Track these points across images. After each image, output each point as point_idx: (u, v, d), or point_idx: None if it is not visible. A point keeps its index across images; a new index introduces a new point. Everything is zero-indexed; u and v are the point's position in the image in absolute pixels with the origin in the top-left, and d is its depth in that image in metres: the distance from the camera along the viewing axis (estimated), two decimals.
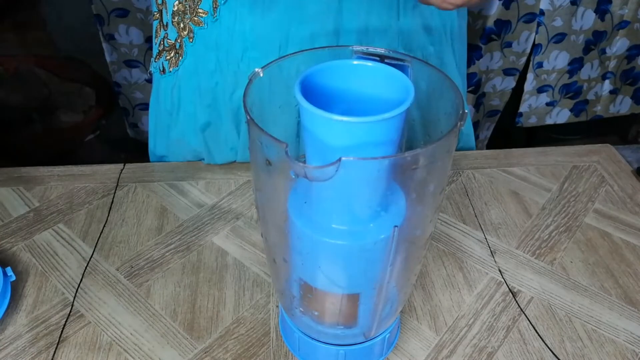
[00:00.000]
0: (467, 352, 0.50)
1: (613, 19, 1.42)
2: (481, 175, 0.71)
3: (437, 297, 0.55)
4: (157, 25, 0.68)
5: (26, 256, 0.59)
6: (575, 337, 0.52)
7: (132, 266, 0.58)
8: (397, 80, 0.36)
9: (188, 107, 0.68)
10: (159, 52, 0.68)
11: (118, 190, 0.67)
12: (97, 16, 1.42)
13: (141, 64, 1.52)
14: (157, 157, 0.77)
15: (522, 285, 0.57)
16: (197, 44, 0.63)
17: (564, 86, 1.54)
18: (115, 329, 0.52)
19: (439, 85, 0.38)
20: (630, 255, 0.60)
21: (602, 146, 0.76)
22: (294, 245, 0.39)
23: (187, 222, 0.63)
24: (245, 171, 0.71)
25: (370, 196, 0.37)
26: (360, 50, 0.38)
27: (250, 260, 0.59)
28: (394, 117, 0.32)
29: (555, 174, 0.71)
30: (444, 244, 0.61)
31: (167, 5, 0.64)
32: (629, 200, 0.67)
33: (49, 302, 0.54)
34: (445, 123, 0.38)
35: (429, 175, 0.35)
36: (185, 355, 0.50)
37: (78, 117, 1.83)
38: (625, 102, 1.63)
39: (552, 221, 0.64)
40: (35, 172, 0.70)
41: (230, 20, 0.61)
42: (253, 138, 0.35)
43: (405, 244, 0.38)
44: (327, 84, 0.37)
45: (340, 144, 0.33)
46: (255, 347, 0.50)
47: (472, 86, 1.52)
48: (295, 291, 0.43)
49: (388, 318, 0.45)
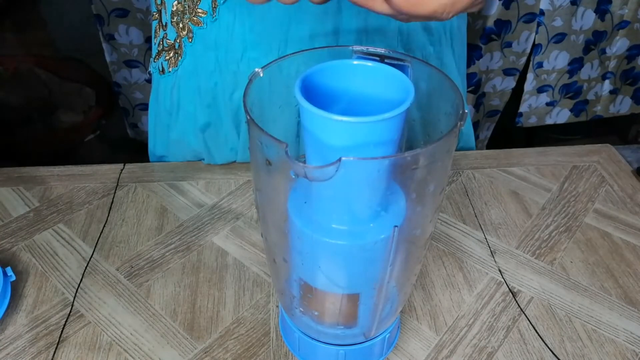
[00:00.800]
0: (467, 352, 0.50)
1: (613, 19, 1.42)
2: (481, 175, 0.71)
3: (437, 297, 0.55)
4: (156, 26, 0.68)
5: (26, 256, 0.59)
6: (575, 337, 0.52)
7: (132, 266, 0.58)
8: (397, 80, 0.36)
9: (188, 107, 0.68)
10: (158, 52, 0.68)
11: (118, 190, 0.67)
12: (97, 16, 1.42)
13: (141, 64, 1.52)
14: (156, 157, 0.77)
15: (522, 285, 0.57)
16: (196, 44, 0.63)
17: (564, 86, 1.54)
18: (115, 329, 0.52)
19: (439, 85, 0.38)
20: (630, 255, 0.60)
21: (602, 146, 0.76)
22: (294, 245, 0.39)
23: (187, 222, 0.63)
24: (245, 171, 0.71)
25: (370, 196, 0.37)
26: (360, 50, 0.38)
27: (250, 260, 0.59)
28: (394, 117, 0.32)
29: (555, 174, 0.71)
30: (444, 244, 0.61)
31: (166, 5, 0.64)
32: (629, 200, 0.67)
33: (49, 302, 0.54)
34: (445, 123, 0.38)
35: (429, 175, 0.35)
36: (185, 355, 0.50)
37: (78, 117, 1.83)
38: (625, 102, 1.63)
39: (552, 221, 0.64)
40: (35, 172, 0.70)
41: (230, 20, 0.61)
42: (253, 138, 0.35)
43: (405, 244, 0.38)
44: (327, 84, 0.37)
45: (340, 144, 0.33)
46: (255, 347, 0.50)
47: (472, 86, 1.52)
48: (295, 291, 0.43)
49: (388, 318, 0.45)
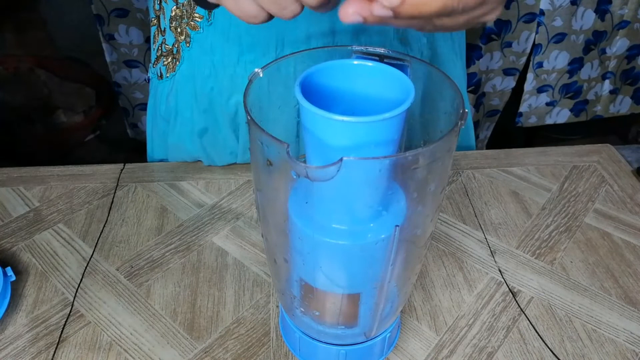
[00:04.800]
0: (467, 352, 0.50)
1: (613, 19, 1.43)
2: (481, 175, 0.71)
3: (437, 297, 0.55)
4: (155, 31, 0.68)
5: (26, 256, 0.59)
6: (575, 337, 0.52)
7: (132, 266, 0.58)
8: (397, 80, 0.36)
9: (185, 112, 0.68)
10: (157, 57, 0.68)
11: (118, 190, 0.67)
12: (97, 16, 1.42)
13: (141, 64, 1.52)
14: (155, 161, 0.76)
15: (522, 285, 0.57)
16: (193, 48, 0.63)
17: (564, 86, 1.54)
18: (115, 329, 0.52)
19: (439, 85, 0.38)
20: (630, 255, 0.60)
21: (602, 146, 0.76)
22: (295, 245, 0.39)
23: (187, 222, 0.63)
24: (246, 171, 0.71)
25: (371, 196, 0.37)
26: (359, 50, 0.38)
27: (250, 260, 0.59)
28: (394, 116, 0.32)
29: (555, 174, 0.71)
30: (444, 244, 0.61)
31: (165, 10, 0.64)
32: (629, 200, 0.67)
33: (49, 302, 0.54)
34: (445, 122, 0.38)
35: (429, 175, 0.35)
36: (185, 355, 0.50)
37: (78, 117, 1.83)
38: (625, 102, 1.63)
39: (552, 221, 0.64)
40: (35, 172, 0.70)
41: (225, 24, 0.61)
42: (254, 139, 0.35)
43: (406, 244, 0.38)
44: (327, 84, 0.37)
45: (341, 144, 0.33)
46: (255, 347, 0.50)
47: (472, 86, 1.52)
48: (296, 291, 0.43)
49: (388, 318, 0.45)
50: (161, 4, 0.64)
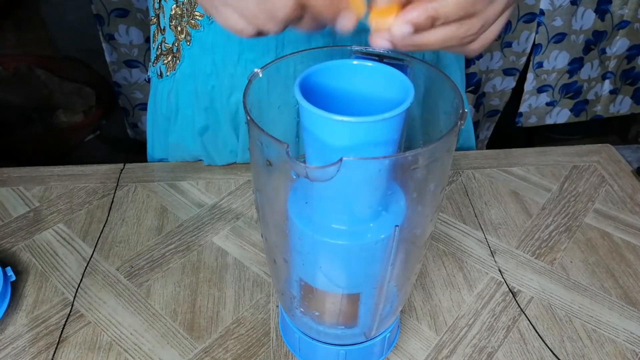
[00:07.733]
0: (467, 352, 0.50)
1: (613, 19, 1.43)
2: (481, 175, 0.71)
3: (437, 297, 0.55)
4: (155, 30, 0.68)
5: (26, 256, 0.59)
6: (575, 337, 0.52)
7: (132, 266, 0.58)
8: (397, 80, 0.36)
9: (186, 111, 0.68)
10: (156, 56, 0.68)
11: (118, 190, 0.67)
12: (97, 16, 1.42)
13: (141, 64, 1.52)
14: (155, 161, 0.76)
15: (522, 285, 0.57)
16: (194, 47, 0.63)
17: (564, 86, 1.54)
18: (115, 329, 0.52)
19: (439, 85, 0.38)
20: (630, 255, 0.60)
21: (602, 146, 0.76)
22: (294, 246, 0.39)
23: (187, 222, 0.63)
24: (246, 171, 0.71)
25: (370, 196, 0.37)
26: (359, 50, 0.38)
27: (250, 260, 0.59)
28: (394, 117, 0.32)
29: (555, 174, 0.71)
30: (444, 244, 0.61)
31: (165, 9, 0.63)
32: (629, 200, 0.67)
33: (49, 302, 0.54)
34: (444, 122, 0.38)
35: (429, 175, 0.35)
36: (185, 355, 0.50)
37: (78, 117, 1.83)
38: (625, 102, 1.63)
39: (552, 221, 0.64)
40: (35, 172, 0.70)
41: None
42: (253, 139, 0.35)
43: (405, 244, 0.38)
44: (326, 84, 0.37)
45: (341, 144, 0.33)
46: (255, 347, 0.50)
47: (472, 86, 1.52)
48: (296, 291, 0.43)
49: (388, 317, 0.45)
50: (160, 2, 0.64)
